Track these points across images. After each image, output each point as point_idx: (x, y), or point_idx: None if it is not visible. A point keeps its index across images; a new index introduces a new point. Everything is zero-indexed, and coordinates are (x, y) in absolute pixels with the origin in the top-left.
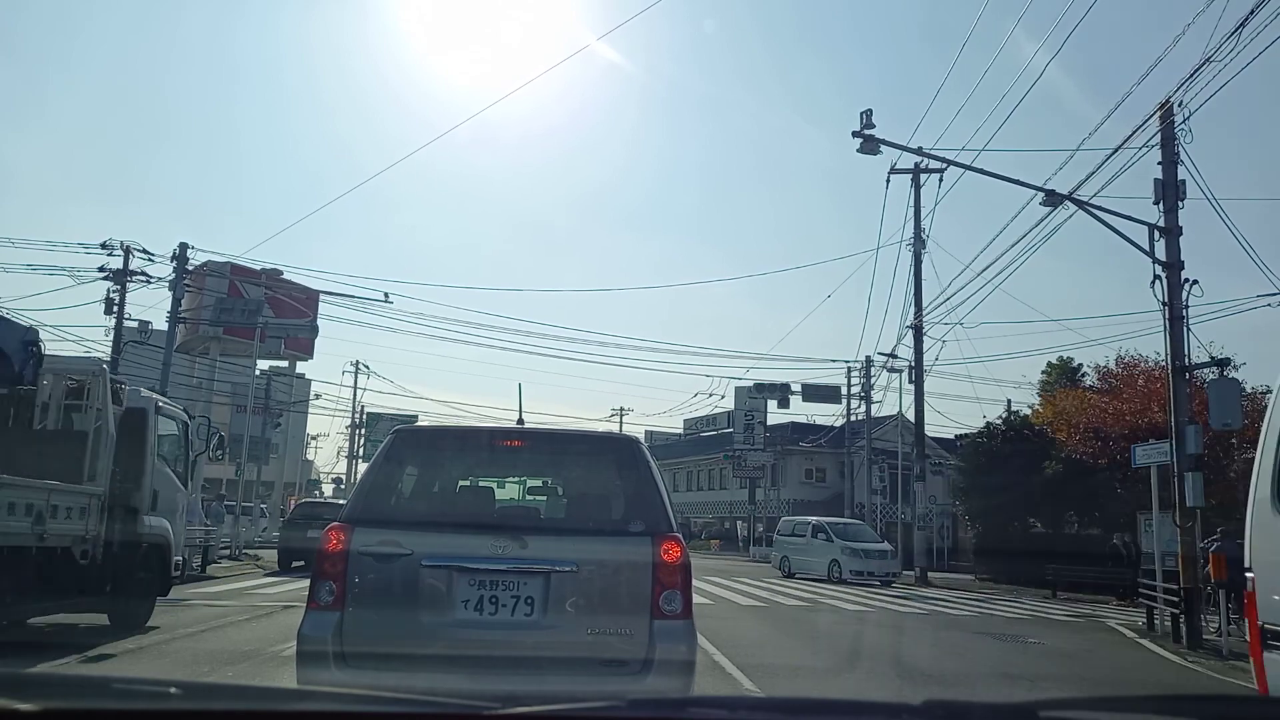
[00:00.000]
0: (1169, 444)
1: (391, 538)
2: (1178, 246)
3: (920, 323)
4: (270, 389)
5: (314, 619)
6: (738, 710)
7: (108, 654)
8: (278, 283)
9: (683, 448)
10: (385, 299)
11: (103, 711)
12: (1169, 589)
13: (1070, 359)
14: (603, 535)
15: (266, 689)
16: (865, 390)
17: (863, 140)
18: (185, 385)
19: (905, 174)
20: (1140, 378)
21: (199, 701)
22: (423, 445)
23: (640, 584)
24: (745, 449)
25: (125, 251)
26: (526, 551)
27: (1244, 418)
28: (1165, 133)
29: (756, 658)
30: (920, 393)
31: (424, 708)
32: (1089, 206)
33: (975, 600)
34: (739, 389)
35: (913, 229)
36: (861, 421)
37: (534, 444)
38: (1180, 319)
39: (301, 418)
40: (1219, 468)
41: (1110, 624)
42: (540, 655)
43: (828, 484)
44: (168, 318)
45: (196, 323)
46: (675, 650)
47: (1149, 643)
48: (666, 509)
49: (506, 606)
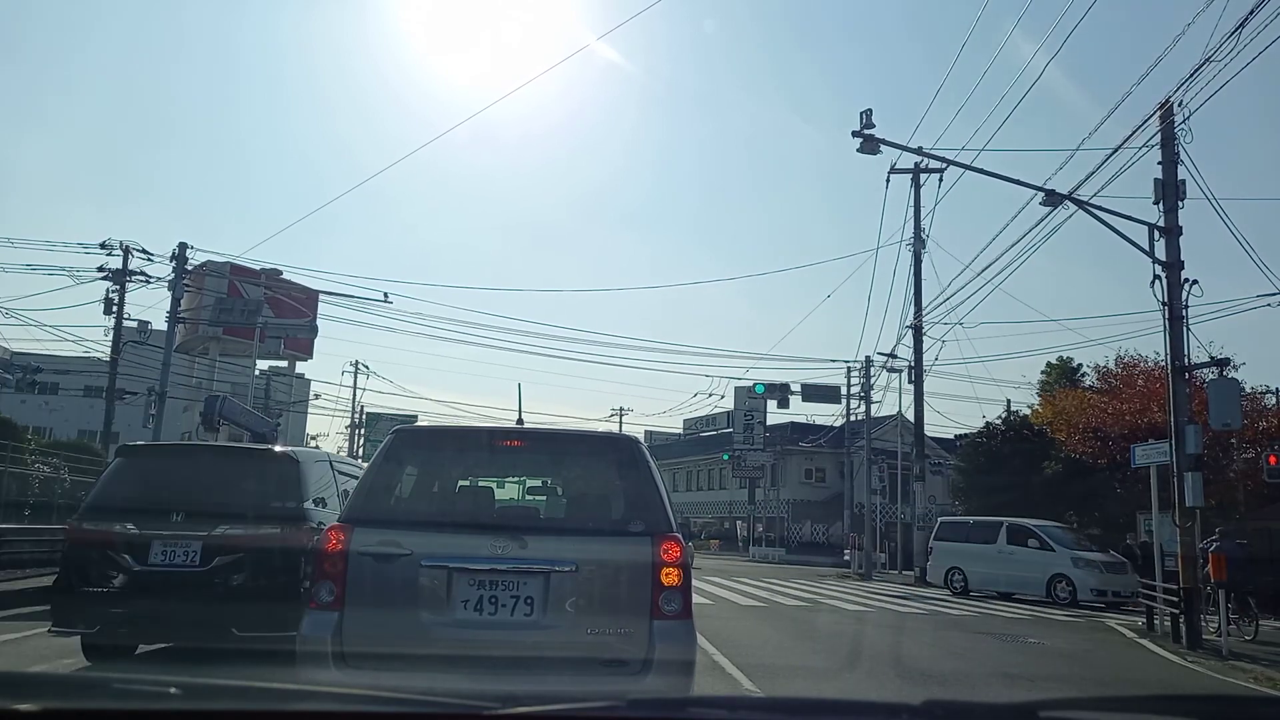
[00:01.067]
0: (1169, 444)
1: (391, 538)
2: (1178, 246)
3: (920, 323)
4: (270, 389)
5: (314, 619)
6: (738, 710)
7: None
8: (277, 283)
9: (682, 448)
10: (385, 299)
11: (103, 711)
12: (1169, 589)
13: (1070, 359)
14: (602, 535)
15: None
16: (865, 390)
17: (863, 140)
18: (185, 385)
19: (905, 174)
20: (1140, 378)
21: (199, 701)
22: (422, 445)
23: (640, 584)
24: (745, 449)
25: (125, 251)
26: (526, 551)
27: (1244, 418)
28: (1165, 133)
29: (756, 658)
30: (920, 393)
31: (424, 708)
32: (1089, 206)
33: (975, 600)
34: (738, 389)
35: (912, 229)
36: (861, 421)
37: (534, 444)
38: (1180, 319)
39: (301, 418)
40: (1219, 468)
41: (1110, 624)
42: (540, 655)
43: (827, 484)
44: (167, 318)
45: (196, 323)
46: (675, 650)
47: (1149, 643)
48: (666, 509)
49: (506, 606)
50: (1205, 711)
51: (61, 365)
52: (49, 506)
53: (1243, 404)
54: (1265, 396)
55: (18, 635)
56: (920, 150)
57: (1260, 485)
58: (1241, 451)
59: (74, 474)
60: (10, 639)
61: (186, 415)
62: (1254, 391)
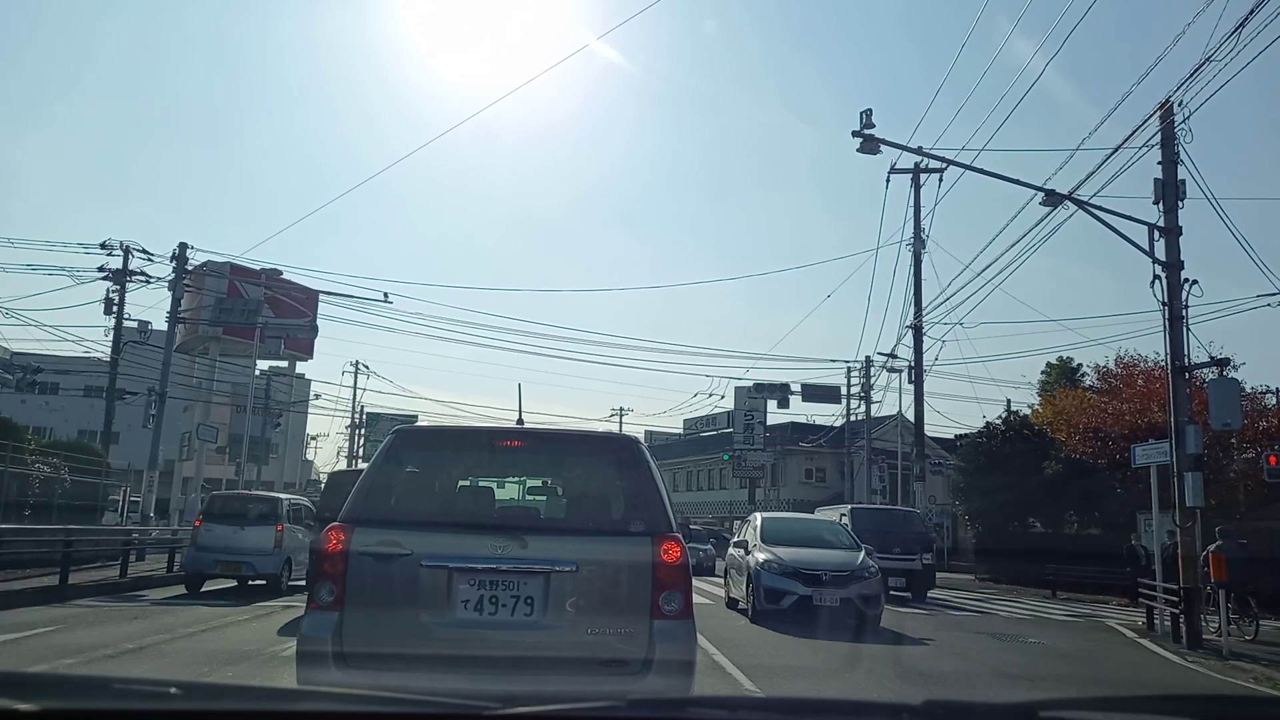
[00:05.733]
0: (1169, 444)
1: (391, 538)
2: (1177, 246)
3: (920, 323)
4: (270, 389)
5: (314, 619)
6: (738, 710)
7: (108, 654)
8: (277, 283)
9: (682, 448)
10: (385, 299)
11: (103, 711)
12: (1169, 589)
13: (1070, 359)
14: (602, 535)
15: (267, 689)
16: (865, 390)
17: (863, 140)
18: (185, 385)
19: (905, 174)
20: (1140, 378)
21: (199, 701)
22: (423, 445)
23: (640, 584)
24: (745, 449)
25: (125, 251)
26: (526, 551)
27: (1244, 418)
28: (1165, 133)
29: (756, 658)
30: (920, 393)
31: (423, 708)
32: (1089, 206)
33: (975, 600)
34: (738, 389)
35: (912, 229)
36: (861, 421)
37: (534, 444)
38: (1180, 319)
39: (301, 418)
40: (1219, 468)
41: (1110, 624)
42: (540, 655)
43: (828, 484)
44: (167, 318)
45: (196, 323)
46: (675, 650)
47: (1149, 643)
48: (666, 509)
49: (506, 606)
50: (1205, 711)
51: (62, 365)
52: (49, 506)
53: (1243, 404)
54: (1265, 396)
55: (18, 635)
56: (920, 150)
57: (1260, 485)
58: (1241, 451)
59: (74, 474)
60: (10, 639)
61: (186, 415)
62: (1254, 391)
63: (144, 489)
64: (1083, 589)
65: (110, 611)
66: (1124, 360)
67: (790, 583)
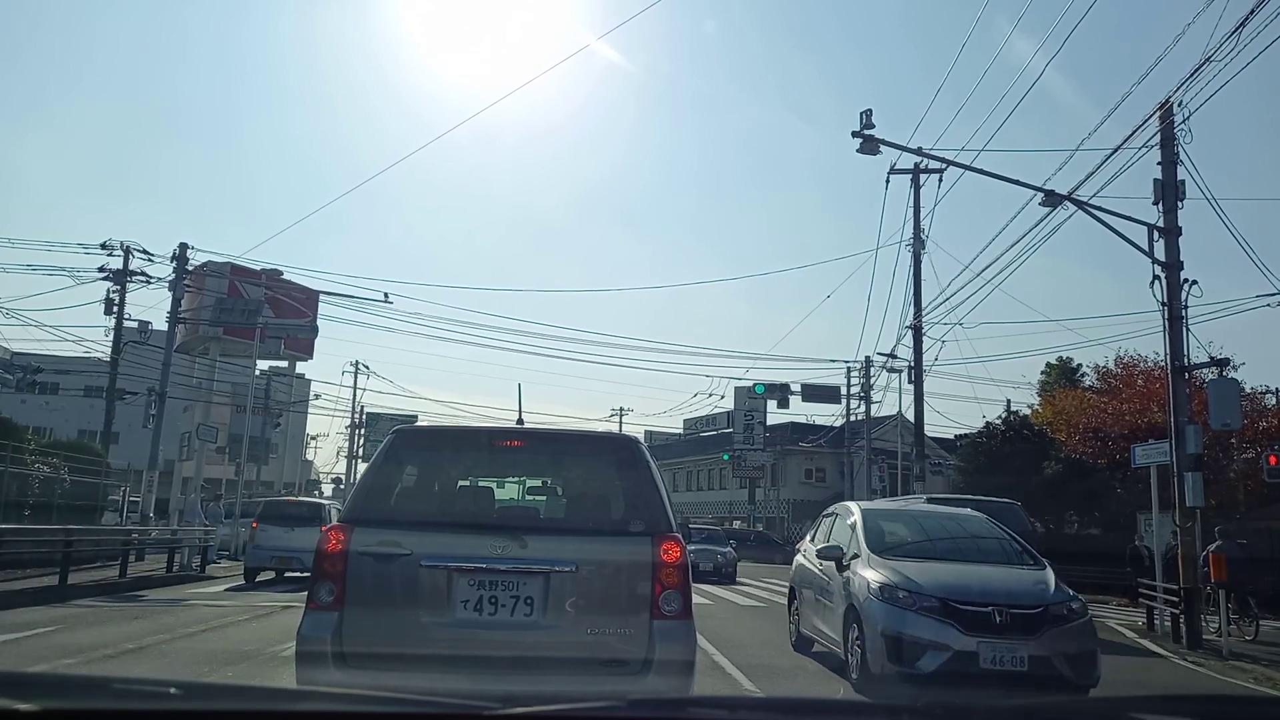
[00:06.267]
0: (1169, 444)
1: (391, 538)
2: (1177, 247)
3: (920, 323)
4: (270, 389)
5: (313, 619)
6: (738, 710)
7: (108, 654)
8: (277, 283)
9: (682, 448)
10: (385, 299)
11: (103, 711)
12: (1169, 589)
13: (1070, 359)
14: (602, 535)
15: (267, 689)
16: (865, 390)
17: (863, 140)
18: (185, 385)
19: (905, 174)
20: (1140, 378)
21: (199, 701)
22: (422, 445)
23: (640, 584)
24: (745, 449)
25: (125, 252)
26: (526, 551)
27: (1244, 418)
28: (1165, 133)
29: (756, 658)
30: (920, 393)
31: (423, 708)
32: (1088, 207)
33: None
34: (738, 389)
35: (912, 229)
36: (861, 421)
37: (534, 444)
38: (1179, 319)
39: (301, 418)
40: (1219, 468)
41: (1110, 624)
42: (540, 655)
43: (827, 484)
44: (167, 318)
45: (196, 323)
46: (675, 650)
47: (1149, 643)
48: (666, 509)
49: (506, 606)
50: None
51: (62, 365)
52: (49, 506)
53: (1243, 404)
54: (1265, 396)
55: (18, 635)
56: (920, 150)
57: (1260, 485)
58: (1241, 451)
59: (74, 474)
60: (10, 639)
61: (186, 415)
62: (1254, 391)
63: (144, 489)
64: (1082, 589)
65: (110, 611)
66: (1124, 360)
67: (938, 627)
